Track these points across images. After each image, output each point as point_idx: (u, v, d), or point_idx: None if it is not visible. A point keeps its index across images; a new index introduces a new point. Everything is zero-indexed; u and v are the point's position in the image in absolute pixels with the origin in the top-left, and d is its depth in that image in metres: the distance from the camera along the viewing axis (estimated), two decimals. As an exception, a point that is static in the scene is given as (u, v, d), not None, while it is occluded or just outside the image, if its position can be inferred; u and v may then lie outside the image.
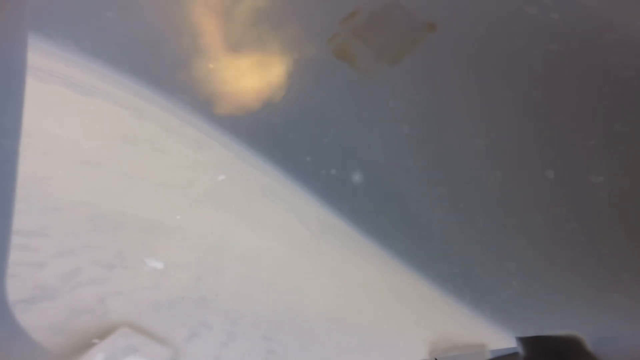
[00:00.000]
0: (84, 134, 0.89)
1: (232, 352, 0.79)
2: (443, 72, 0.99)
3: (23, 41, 0.98)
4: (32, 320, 0.67)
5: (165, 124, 1.00)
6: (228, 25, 1.08)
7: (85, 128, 0.91)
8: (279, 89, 1.07)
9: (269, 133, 1.09)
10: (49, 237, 0.75)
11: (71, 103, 0.91)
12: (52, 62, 0.91)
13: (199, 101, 1.06)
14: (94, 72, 0.96)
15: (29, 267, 0.70)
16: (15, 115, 0.92)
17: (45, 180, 0.80)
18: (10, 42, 0.97)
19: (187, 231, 0.89)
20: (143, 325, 0.77)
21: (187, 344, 0.76)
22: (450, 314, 0.97)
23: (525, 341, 0.87)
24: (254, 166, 1.06)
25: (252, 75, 1.09)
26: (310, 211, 1.06)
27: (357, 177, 1.03)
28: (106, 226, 0.81)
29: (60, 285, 0.71)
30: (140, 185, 0.89)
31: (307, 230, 1.06)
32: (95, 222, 0.80)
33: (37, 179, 0.80)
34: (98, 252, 0.78)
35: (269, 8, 1.07)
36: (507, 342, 0.89)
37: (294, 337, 0.87)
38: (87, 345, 0.83)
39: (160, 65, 1.07)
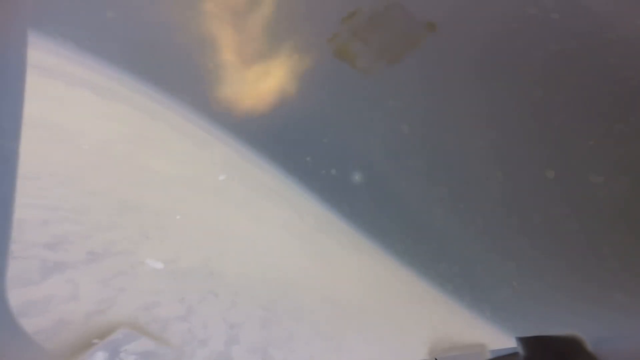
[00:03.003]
0: (104, 131, 1.06)
1: (235, 314, 0.96)
2: (443, 72, 0.99)
3: (23, 42, 0.98)
4: (87, 279, 0.86)
5: (172, 123, 1.09)
6: (230, 27, 1.08)
7: (104, 126, 1.07)
8: (279, 89, 1.07)
9: (270, 133, 1.09)
10: (89, 215, 0.94)
11: (91, 104, 1.07)
12: (70, 64, 1.05)
13: (203, 103, 1.07)
14: (109, 76, 1.07)
15: (80, 237, 0.90)
16: (15, 115, 0.92)
17: (82, 168, 0.99)
18: (9, 42, 0.97)
19: (195, 218, 1.04)
20: (143, 324, 0.89)
21: (199, 305, 0.94)
22: (450, 314, 0.97)
23: (525, 341, 0.87)
24: (256, 165, 1.10)
25: (253, 76, 1.09)
26: (310, 209, 1.07)
27: (357, 177, 1.03)
28: (130, 209, 1.00)
29: (103, 252, 0.90)
30: (155, 177, 1.06)
31: (306, 225, 1.09)
32: (122, 204, 0.99)
33: (76, 167, 0.99)
34: (126, 229, 0.97)
35: (270, 9, 1.07)
36: (507, 342, 0.89)
37: (290, 312, 1.02)
38: (87, 345, 0.84)
39: (164, 66, 1.08)
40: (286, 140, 1.08)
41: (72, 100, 1.06)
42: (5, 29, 0.97)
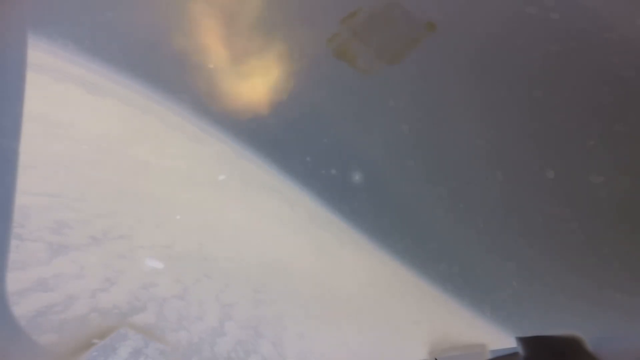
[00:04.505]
0: (101, 127, 1.10)
1: (228, 295, 1.02)
2: (443, 72, 0.99)
3: (22, 41, 0.98)
4: (90, 260, 0.94)
5: (167, 121, 1.12)
6: (228, 25, 1.08)
7: (101, 122, 1.11)
8: (278, 88, 1.07)
9: (269, 132, 1.09)
10: (88, 202, 1.01)
11: (88, 101, 1.11)
12: (64, 62, 1.08)
13: (199, 100, 1.07)
14: (101, 73, 1.09)
15: (81, 223, 0.97)
16: (15, 115, 0.92)
17: (80, 160, 1.05)
18: (9, 43, 0.97)
19: (190, 207, 1.10)
20: (142, 323, 0.93)
21: (193, 286, 1.01)
22: (450, 314, 0.97)
23: (525, 341, 0.87)
24: (254, 163, 1.11)
25: (251, 75, 1.09)
26: (309, 208, 1.08)
27: (357, 177, 1.03)
28: (128, 198, 1.06)
29: (102, 237, 0.98)
30: (151, 170, 1.10)
31: (304, 222, 1.11)
32: (120, 193, 1.06)
33: (74, 159, 1.04)
34: (123, 216, 1.04)
35: (269, 8, 1.07)
36: (507, 342, 0.89)
37: (282, 295, 1.07)
38: (87, 345, 0.84)
39: (160, 65, 1.09)
40: (286, 140, 1.08)
41: (70, 98, 1.10)
42: (4, 30, 0.97)
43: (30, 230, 0.90)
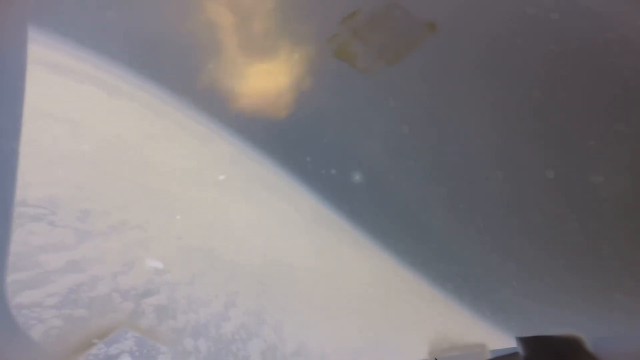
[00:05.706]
0: (111, 126, 1.16)
1: (233, 285, 1.09)
2: (443, 72, 0.99)
3: (22, 42, 0.98)
4: (111, 247, 1.03)
5: (176, 121, 1.16)
6: (231, 26, 1.08)
7: (111, 121, 1.17)
8: (279, 89, 1.07)
9: (270, 133, 1.09)
10: (105, 196, 1.09)
11: (96, 100, 1.16)
12: (82, 64, 1.13)
13: (204, 101, 1.09)
14: (113, 73, 1.14)
15: (103, 214, 1.06)
16: (15, 115, 0.92)
17: (93, 158, 1.11)
18: (8, 43, 0.97)
19: (197, 204, 1.15)
20: (155, 304, 0.99)
21: (201, 275, 1.08)
22: (450, 314, 0.97)
23: (525, 341, 0.87)
24: (257, 163, 1.13)
25: (255, 77, 1.09)
26: (309, 208, 1.08)
27: (357, 177, 1.03)
28: (140, 194, 1.13)
29: (120, 227, 1.07)
30: (161, 167, 1.16)
31: (305, 222, 1.12)
32: (133, 190, 1.13)
33: (88, 156, 1.11)
34: (138, 210, 1.11)
35: (271, 9, 1.08)
36: (507, 342, 0.90)
37: (284, 288, 1.11)
38: (87, 345, 0.84)
39: (168, 65, 1.11)
40: (286, 140, 1.08)
41: (80, 96, 1.14)
42: (5, 29, 0.97)
43: (61, 217, 1.00)
